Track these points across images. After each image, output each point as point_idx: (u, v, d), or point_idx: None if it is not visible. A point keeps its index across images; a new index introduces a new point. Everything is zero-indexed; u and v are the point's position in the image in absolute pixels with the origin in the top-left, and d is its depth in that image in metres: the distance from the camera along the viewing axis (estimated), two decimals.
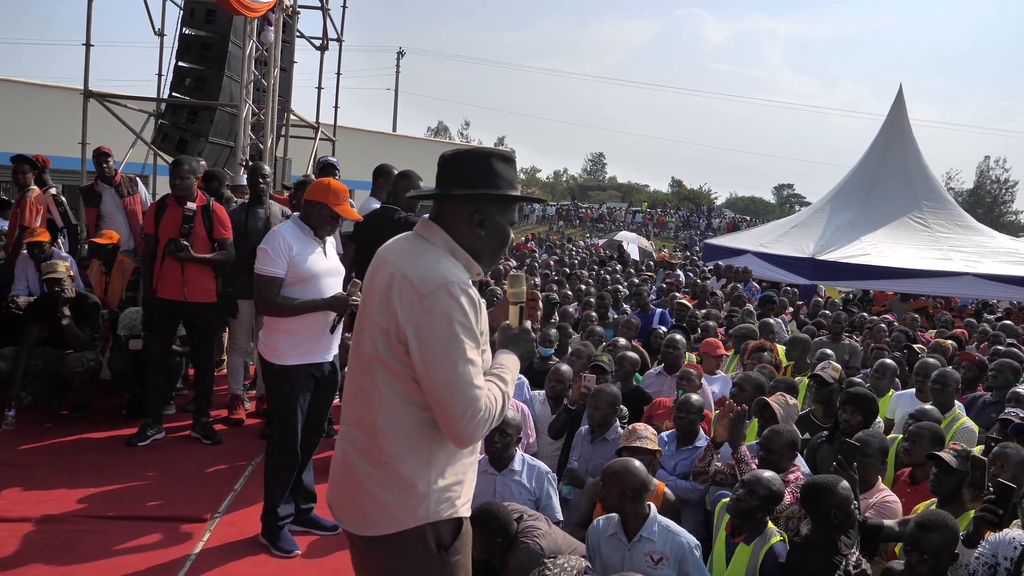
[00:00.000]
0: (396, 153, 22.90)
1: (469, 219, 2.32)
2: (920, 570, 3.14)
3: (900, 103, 17.78)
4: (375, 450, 2.27)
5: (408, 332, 2.18)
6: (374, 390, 2.27)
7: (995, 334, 9.73)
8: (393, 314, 2.20)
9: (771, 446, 4.18)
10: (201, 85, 10.18)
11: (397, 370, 2.23)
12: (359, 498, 2.30)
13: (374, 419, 2.27)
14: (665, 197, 69.56)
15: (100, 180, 7.59)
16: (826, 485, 3.46)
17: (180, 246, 5.59)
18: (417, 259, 2.26)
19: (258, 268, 4.26)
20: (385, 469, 2.25)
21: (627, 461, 3.78)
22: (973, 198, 66.73)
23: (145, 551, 4.27)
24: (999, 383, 6.00)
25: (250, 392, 6.88)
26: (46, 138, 16.66)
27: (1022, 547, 3.09)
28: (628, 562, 3.58)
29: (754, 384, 5.27)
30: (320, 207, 4.33)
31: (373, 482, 2.27)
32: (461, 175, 2.33)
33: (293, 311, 4.24)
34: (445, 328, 2.16)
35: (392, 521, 2.25)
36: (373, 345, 2.27)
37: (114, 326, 6.51)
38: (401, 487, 2.25)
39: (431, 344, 2.16)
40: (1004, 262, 14.73)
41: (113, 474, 5.19)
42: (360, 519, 2.31)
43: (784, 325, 10.38)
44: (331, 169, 7.29)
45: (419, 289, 2.18)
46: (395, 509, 2.25)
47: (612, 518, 3.77)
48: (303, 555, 4.38)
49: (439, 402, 2.18)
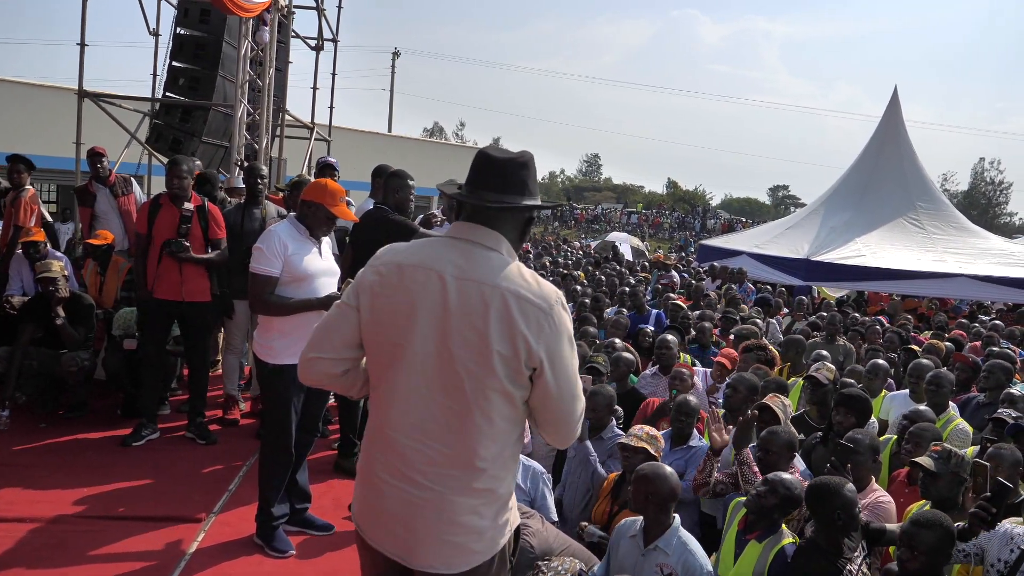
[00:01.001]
0: (391, 153, 22.95)
1: (524, 229, 2.28)
2: (911, 566, 3.15)
3: (895, 104, 17.85)
4: (478, 481, 2.15)
5: (541, 353, 2.09)
6: (483, 420, 2.12)
7: (989, 335, 9.76)
8: (520, 338, 2.08)
9: (769, 447, 4.16)
10: (195, 85, 10.16)
11: (512, 394, 2.12)
12: (456, 536, 2.15)
13: (476, 450, 2.13)
14: (660, 198, 69.60)
15: (94, 180, 7.59)
16: (832, 486, 3.44)
17: (181, 246, 5.58)
18: (514, 274, 2.15)
19: (253, 267, 4.26)
20: (487, 496, 2.16)
21: (659, 467, 3.75)
22: (968, 200, 66.86)
23: (140, 551, 4.25)
24: (991, 384, 6.03)
25: (245, 393, 6.87)
26: (40, 138, 16.65)
27: (1020, 550, 3.10)
28: (639, 567, 3.56)
29: (748, 385, 5.27)
30: (316, 208, 4.33)
31: (475, 513, 2.15)
32: (526, 184, 2.25)
33: (287, 310, 4.24)
34: (568, 343, 2.16)
35: (491, 545, 2.19)
36: (482, 375, 2.09)
37: (109, 326, 6.50)
38: (498, 508, 2.20)
39: (564, 362, 2.14)
40: (998, 263, 14.78)
41: (108, 474, 5.17)
42: (453, 557, 2.17)
43: (779, 326, 10.41)
44: (330, 170, 7.27)
45: (542, 307, 2.11)
46: (493, 532, 2.19)
47: (638, 520, 3.75)
48: (298, 555, 4.36)
49: (566, 413, 2.19)
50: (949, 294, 14.70)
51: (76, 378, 6.09)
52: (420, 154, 33.64)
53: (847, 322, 10.40)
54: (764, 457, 4.16)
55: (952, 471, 3.75)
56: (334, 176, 7.22)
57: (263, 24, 9.13)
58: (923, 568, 3.13)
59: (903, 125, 17.79)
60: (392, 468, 2.19)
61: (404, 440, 2.17)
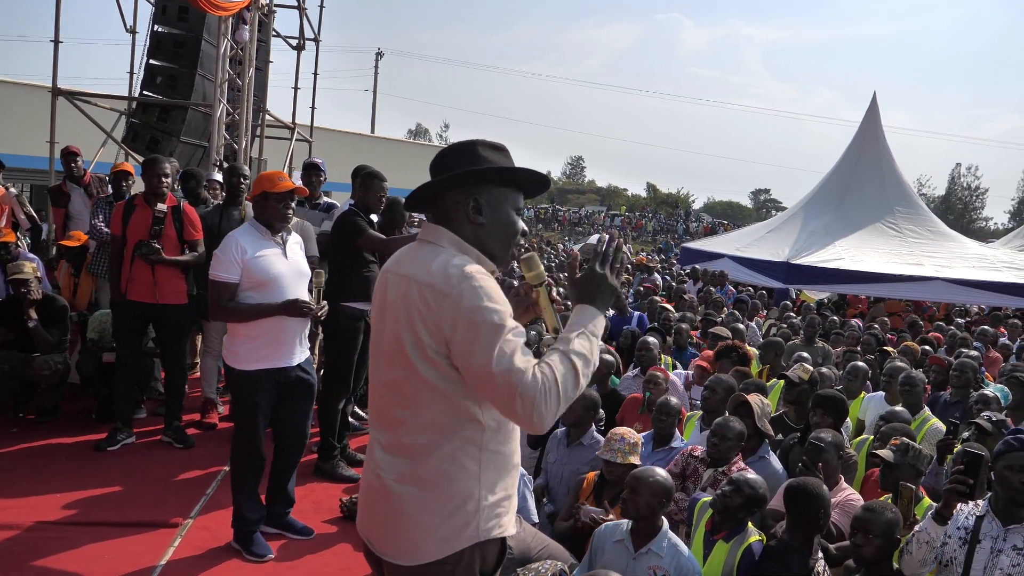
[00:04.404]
0: (374, 155, 22.89)
1: (465, 209, 2.16)
2: (865, 551, 3.24)
3: (874, 110, 18.00)
4: (420, 472, 2.12)
5: (445, 337, 2.03)
6: (412, 412, 2.12)
7: (963, 337, 9.89)
8: (424, 328, 2.05)
9: (725, 433, 4.31)
10: (173, 84, 10.07)
11: (438, 386, 2.08)
12: (401, 526, 2.14)
13: (414, 441, 2.12)
14: (644, 201, 69.81)
15: (68, 180, 7.50)
16: (812, 487, 3.53)
17: (152, 249, 5.49)
18: (430, 264, 2.09)
19: (211, 274, 4.21)
20: (433, 490, 2.11)
21: (653, 471, 3.75)
22: (945, 204, 67.59)
23: (115, 557, 4.19)
24: (960, 383, 6.15)
25: (223, 396, 6.80)
26: (13, 137, 16.45)
27: (975, 516, 3.13)
28: (630, 572, 3.54)
29: (724, 386, 5.30)
30: (263, 198, 4.26)
31: (418, 507, 2.11)
32: (446, 168, 2.18)
33: (244, 316, 4.17)
34: (479, 317, 1.99)
35: (441, 546, 2.11)
36: (404, 365, 2.11)
37: (83, 329, 6.41)
38: (451, 508, 2.11)
39: (467, 339, 2.00)
40: (974, 267, 14.93)
41: (82, 480, 5.10)
42: (406, 548, 2.14)
43: (758, 328, 10.46)
44: (315, 170, 7.20)
45: (442, 291, 2.03)
46: (444, 532, 2.10)
47: (621, 524, 3.74)
48: (276, 559, 4.32)
49: (491, 397, 2.03)
50: (925, 297, 14.83)
51: (49, 382, 5.99)
52: (403, 155, 33.50)
53: (826, 325, 10.48)
54: (719, 443, 4.31)
55: (910, 463, 3.95)
56: (319, 177, 7.18)
57: (243, 22, 9.06)
58: (877, 553, 3.23)
59: (882, 130, 17.94)
60: (368, 454, 2.32)
61: (372, 429, 2.32)
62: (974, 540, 3.09)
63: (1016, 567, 2.95)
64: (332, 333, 5.40)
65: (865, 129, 17.97)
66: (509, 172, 2.21)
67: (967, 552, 3.09)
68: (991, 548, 3.03)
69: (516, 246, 2.28)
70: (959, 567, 3.09)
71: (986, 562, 3.02)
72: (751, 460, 4.58)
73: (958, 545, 3.13)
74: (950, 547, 3.15)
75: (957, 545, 3.13)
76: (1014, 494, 3.05)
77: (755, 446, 4.67)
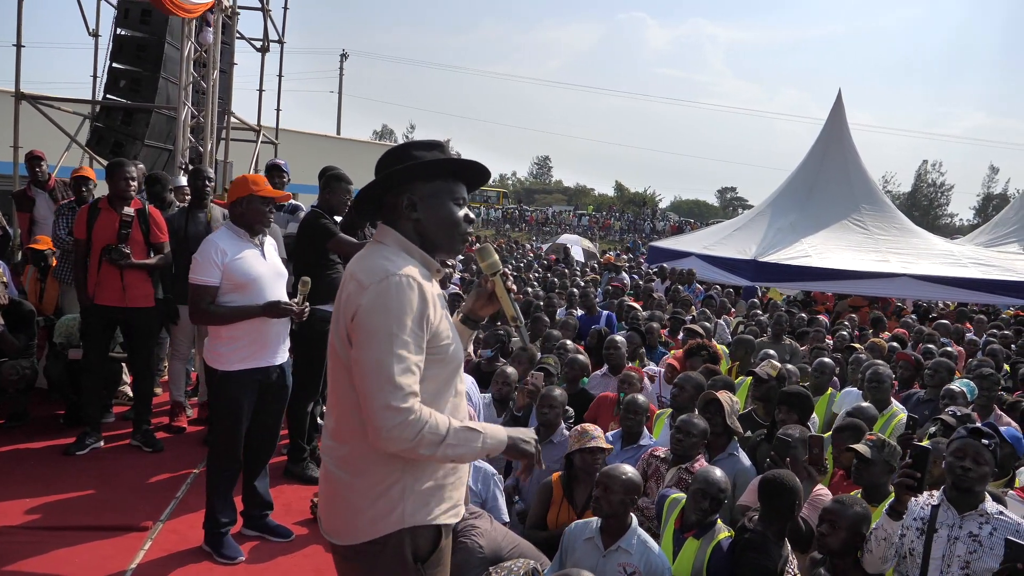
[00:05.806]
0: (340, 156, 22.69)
1: (402, 207, 2.26)
2: (830, 541, 3.32)
3: (839, 108, 18.25)
4: (351, 457, 2.22)
5: (351, 325, 2.13)
6: (344, 398, 2.22)
7: (930, 333, 10.07)
8: (343, 313, 2.17)
9: (689, 430, 4.41)
10: (136, 87, 9.98)
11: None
12: (339, 507, 2.25)
13: (347, 427, 2.22)
14: (611, 200, 70.16)
15: (33, 184, 7.41)
16: (786, 479, 3.61)
17: (122, 254, 5.45)
18: (367, 259, 2.22)
19: (191, 277, 4.19)
20: (362, 476, 2.20)
21: (624, 467, 3.76)
22: (910, 201, 68.77)
23: (85, 562, 4.16)
24: (935, 382, 6.25)
25: (192, 399, 6.76)
26: None
27: (931, 506, 3.21)
28: (600, 569, 3.57)
29: (694, 384, 5.37)
30: (247, 200, 4.25)
31: (350, 490, 2.22)
32: (382, 169, 2.30)
33: (224, 319, 4.17)
34: (379, 319, 2.07)
35: (369, 528, 2.20)
36: (334, 353, 2.25)
37: (50, 333, 6.35)
38: (377, 492, 2.19)
39: (363, 334, 2.08)
40: (939, 263, 15.19)
41: (50, 484, 5.05)
42: (340, 528, 2.26)
43: (727, 326, 10.56)
44: (278, 171, 7.18)
45: (362, 282, 2.12)
46: (372, 515, 2.19)
47: (590, 523, 3.76)
48: (248, 561, 4.32)
49: (362, 395, 2.09)
50: (892, 293, 15.04)
51: (16, 387, 5.93)
52: (369, 157, 33.24)
53: (794, 322, 10.60)
54: (683, 439, 4.40)
55: (884, 459, 4.00)
56: (282, 178, 7.15)
57: (206, 25, 9.00)
58: (843, 544, 3.30)
59: (847, 128, 18.19)
60: (323, 445, 2.42)
61: (325, 419, 2.42)
62: (931, 529, 3.17)
63: (972, 553, 3.03)
64: (301, 335, 5.40)
65: (830, 127, 18.21)
66: (436, 165, 2.27)
67: (925, 542, 3.17)
68: (948, 536, 3.11)
69: (465, 234, 2.34)
70: (918, 557, 3.17)
71: (944, 550, 3.10)
72: (720, 457, 4.65)
73: (916, 536, 3.20)
74: (908, 538, 3.23)
75: (915, 536, 3.21)
76: (956, 479, 3.14)
77: (724, 443, 4.74)
